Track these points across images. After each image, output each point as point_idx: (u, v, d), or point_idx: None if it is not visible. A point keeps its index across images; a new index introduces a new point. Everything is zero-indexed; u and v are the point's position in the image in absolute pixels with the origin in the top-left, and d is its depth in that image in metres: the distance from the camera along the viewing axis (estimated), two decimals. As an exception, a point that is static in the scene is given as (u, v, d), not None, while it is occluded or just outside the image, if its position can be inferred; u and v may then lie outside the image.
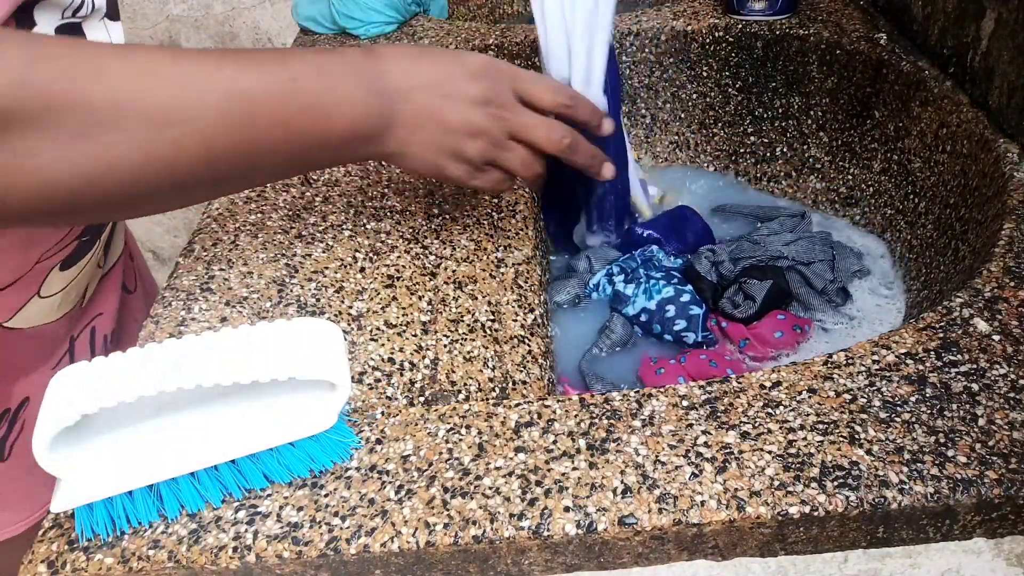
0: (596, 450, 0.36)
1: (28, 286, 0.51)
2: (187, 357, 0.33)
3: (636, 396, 0.39)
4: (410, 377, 0.44)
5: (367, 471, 0.36)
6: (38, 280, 0.51)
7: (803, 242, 0.68)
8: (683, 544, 0.34)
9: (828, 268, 0.66)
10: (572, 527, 0.33)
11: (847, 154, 0.74)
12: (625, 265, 0.68)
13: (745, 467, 0.35)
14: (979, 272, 0.45)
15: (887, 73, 0.68)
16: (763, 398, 0.38)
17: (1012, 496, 0.33)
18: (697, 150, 0.84)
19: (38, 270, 0.51)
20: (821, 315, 0.63)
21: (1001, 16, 0.57)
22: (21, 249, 0.49)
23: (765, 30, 0.77)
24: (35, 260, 0.50)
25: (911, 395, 0.37)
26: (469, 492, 0.35)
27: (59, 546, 0.35)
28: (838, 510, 0.33)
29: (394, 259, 0.53)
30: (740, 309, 0.63)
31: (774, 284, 0.63)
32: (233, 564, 0.33)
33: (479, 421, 0.38)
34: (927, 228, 0.62)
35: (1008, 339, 0.40)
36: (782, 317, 0.61)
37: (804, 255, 0.67)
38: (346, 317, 0.48)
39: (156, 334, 0.47)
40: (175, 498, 0.35)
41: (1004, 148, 0.54)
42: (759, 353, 0.60)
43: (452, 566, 0.34)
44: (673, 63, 0.80)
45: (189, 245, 0.55)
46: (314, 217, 0.57)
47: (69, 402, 0.31)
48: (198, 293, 0.50)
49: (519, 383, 0.46)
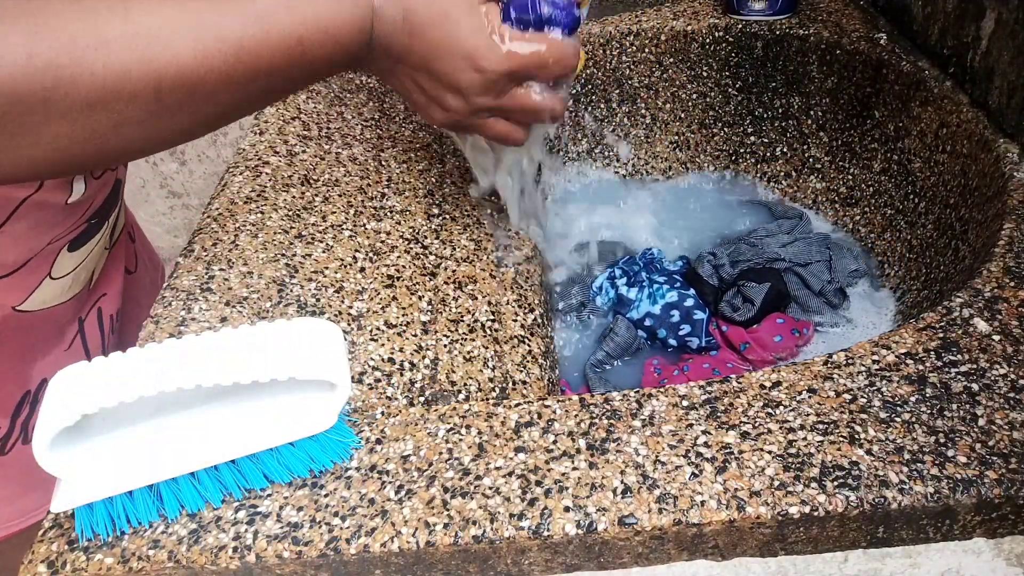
0: (596, 450, 0.36)
1: (40, 267, 0.52)
2: (187, 357, 0.33)
3: (636, 396, 0.39)
4: (410, 377, 0.44)
5: (367, 471, 0.36)
6: (49, 261, 0.52)
7: (800, 243, 0.68)
8: (683, 544, 0.34)
9: (825, 269, 0.66)
10: (572, 527, 0.33)
11: (847, 154, 0.74)
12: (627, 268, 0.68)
13: (745, 467, 0.35)
14: (979, 272, 0.45)
15: (887, 73, 0.68)
16: (763, 398, 0.38)
17: (1012, 496, 0.33)
18: (697, 150, 0.84)
19: (48, 251, 0.52)
20: (819, 317, 0.63)
21: (1001, 16, 0.57)
22: (38, 232, 0.50)
23: (765, 30, 0.77)
24: (48, 241, 0.51)
25: (911, 395, 0.37)
26: (469, 492, 0.35)
27: (59, 546, 0.35)
28: (838, 510, 0.33)
29: (394, 259, 0.53)
30: (739, 312, 0.63)
31: (772, 287, 0.63)
32: (233, 564, 0.33)
33: (479, 421, 0.38)
34: (927, 228, 0.62)
35: (1008, 339, 0.40)
36: (781, 321, 0.61)
37: (801, 256, 0.67)
38: (346, 317, 0.48)
39: (156, 334, 0.47)
40: (175, 498, 0.35)
41: (1004, 148, 0.54)
42: (759, 357, 0.60)
43: (452, 566, 0.34)
44: (673, 63, 0.80)
45: (189, 245, 0.55)
46: (314, 217, 0.57)
47: (69, 402, 0.31)
48: (198, 293, 0.50)
49: (519, 383, 0.46)
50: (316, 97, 0.73)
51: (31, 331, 0.54)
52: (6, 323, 0.52)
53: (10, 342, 0.53)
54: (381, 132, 0.69)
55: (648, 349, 0.65)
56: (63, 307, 0.56)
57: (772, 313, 0.62)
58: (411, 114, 0.73)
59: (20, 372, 0.54)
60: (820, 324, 0.63)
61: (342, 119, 0.70)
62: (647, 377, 0.61)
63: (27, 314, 0.53)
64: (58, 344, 0.57)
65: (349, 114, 0.71)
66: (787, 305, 0.64)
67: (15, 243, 0.49)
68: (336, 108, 0.72)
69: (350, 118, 0.71)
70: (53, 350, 0.56)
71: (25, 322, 0.53)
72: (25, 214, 0.48)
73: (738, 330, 0.62)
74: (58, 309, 0.55)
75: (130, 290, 0.67)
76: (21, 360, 0.54)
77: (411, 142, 0.68)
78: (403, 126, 0.70)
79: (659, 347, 0.64)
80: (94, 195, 0.54)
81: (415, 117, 0.72)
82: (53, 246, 0.52)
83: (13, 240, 0.49)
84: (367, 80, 0.78)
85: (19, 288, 0.51)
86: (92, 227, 0.55)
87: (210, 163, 1.57)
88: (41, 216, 0.49)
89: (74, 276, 0.55)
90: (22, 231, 0.49)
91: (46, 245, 0.51)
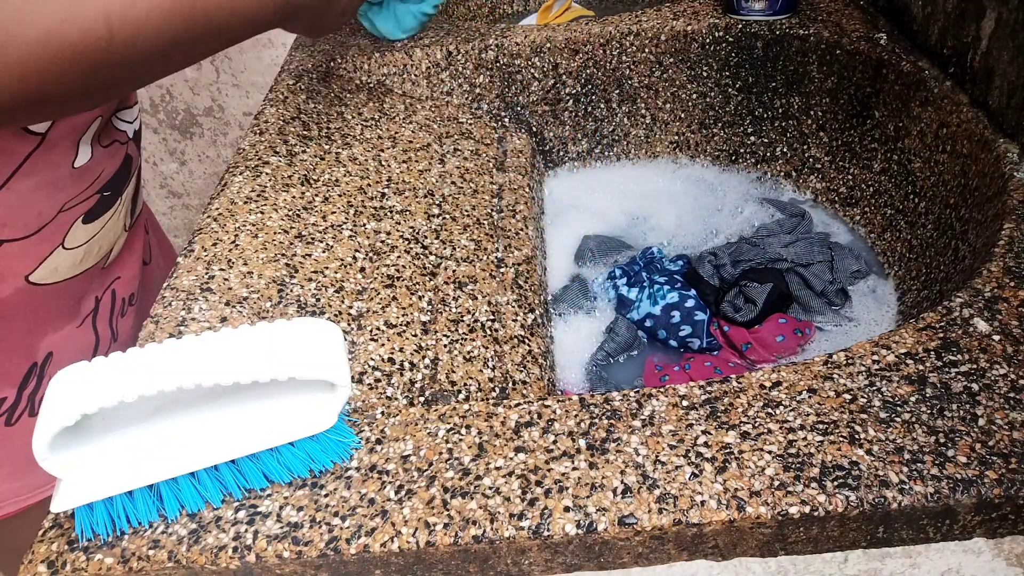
0: (596, 450, 0.36)
1: (53, 236, 0.53)
2: (187, 357, 0.33)
3: (636, 396, 0.39)
4: (410, 377, 0.44)
5: (367, 471, 0.36)
6: (62, 231, 0.54)
7: (802, 243, 0.68)
8: (683, 544, 0.34)
9: (827, 269, 0.66)
10: (572, 527, 0.33)
11: (847, 154, 0.74)
12: (628, 268, 0.68)
13: (745, 467, 0.35)
14: (979, 272, 0.45)
15: (887, 73, 0.68)
16: (763, 398, 0.38)
17: (1012, 496, 0.33)
18: (697, 150, 0.84)
19: (62, 220, 0.54)
20: (821, 317, 0.63)
21: (1001, 16, 0.57)
22: (47, 193, 0.52)
23: (765, 30, 0.77)
24: (59, 207, 0.53)
25: (911, 395, 0.37)
26: (469, 492, 0.35)
27: (59, 546, 0.35)
28: (838, 510, 0.33)
29: (394, 259, 0.53)
30: (741, 313, 0.63)
31: (774, 287, 0.63)
32: (233, 564, 0.33)
33: (479, 421, 0.38)
34: (927, 228, 0.62)
35: (1008, 339, 0.40)
36: (783, 321, 0.61)
37: (803, 256, 0.67)
38: (346, 317, 0.48)
39: (156, 334, 0.47)
40: (175, 498, 0.35)
41: (1004, 148, 0.54)
42: (761, 358, 0.60)
43: (452, 566, 0.34)
44: (673, 63, 0.80)
45: (189, 245, 0.55)
46: (314, 217, 0.57)
47: (69, 402, 0.31)
48: (198, 293, 0.50)
49: (519, 383, 0.46)
50: (316, 97, 0.73)
51: (41, 304, 0.55)
52: (19, 295, 0.53)
53: (22, 315, 0.54)
54: (381, 132, 0.69)
55: (649, 348, 0.65)
56: (75, 281, 0.57)
57: (774, 313, 0.62)
58: (411, 114, 0.73)
59: (30, 344, 0.56)
60: (822, 324, 0.63)
61: (342, 119, 0.70)
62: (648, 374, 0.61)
63: (40, 287, 0.54)
64: (70, 320, 0.59)
65: (349, 114, 0.71)
66: (789, 305, 0.64)
67: (22, 202, 0.50)
68: (336, 108, 0.72)
69: (350, 118, 0.71)
70: (66, 326, 0.58)
71: (39, 295, 0.55)
72: (31, 171, 0.50)
73: (740, 330, 0.62)
74: (71, 283, 0.57)
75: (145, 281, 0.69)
76: (30, 333, 0.56)
77: (411, 142, 0.68)
78: (403, 126, 0.70)
79: (659, 347, 0.64)
80: (103, 164, 0.56)
81: (415, 117, 0.72)
82: (66, 215, 0.54)
83: (20, 199, 0.50)
84: (367, 80, 0.78)
85: (31, 255, 0.53)
86: (105, 200, 0.57)
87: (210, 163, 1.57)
88: (47, 176, 0.51)
89: (86, 249, 0.57)
90: (28, 190, 0.50)
91: (58, 213, 0.53)
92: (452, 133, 0.72)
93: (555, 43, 0.78)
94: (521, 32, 0.80)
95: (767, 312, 0.62)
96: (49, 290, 0.55)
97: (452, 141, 0.70)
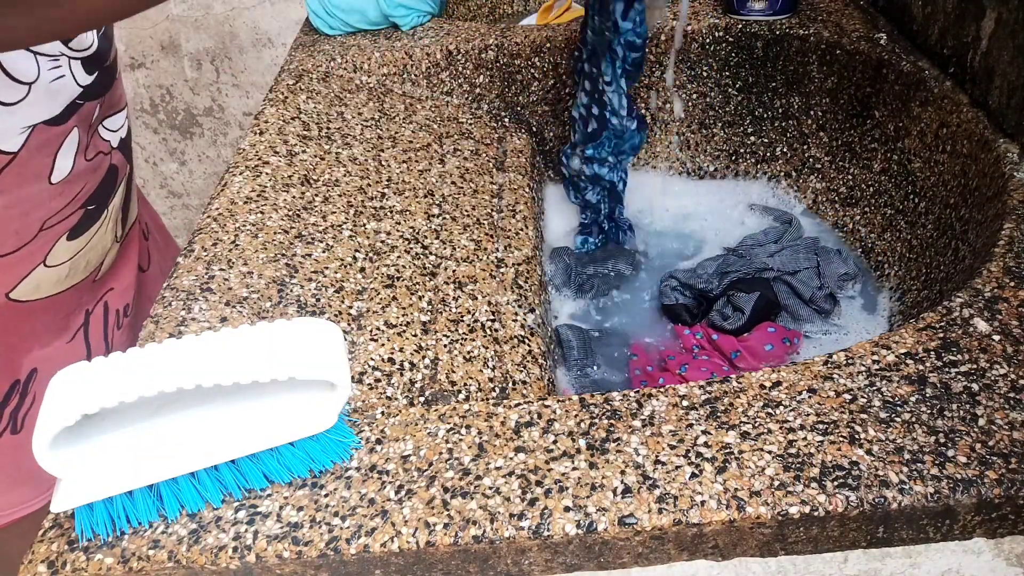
0: (596, 450, 0.36)
1: (33, 255, 0.51)
2: (187, 357, 0.33)
3: (636, 396, 0.39)
4: (410, 377, 0.44)
5: (367, 471, 0.36)
6: (44, 249, 0.52)
7: (787, 251, 0.68)
8: (683, 544, 0.34)
9: (814, 275, 0.66)
10: (572, 527, 0.33)
11: (847, 154, 0.74)
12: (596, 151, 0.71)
13: (745, 467, 0.35)
14: (979, 272, 0.45)
15: (887, 73, 0.68)
16: (763, 398, 0.38)
17: (1012, 496, 0.33)
18: (697, 150, 0.84)
19: (44, 238, 0.51)
20: (809, 325, 0.63)
21: (1001, 16, 0.57)
22: (23, 212, 0.49)
23: (765, 30, 0.77)
24: (39, 226, 0.51)
25: (911, 395, 0.37)
26: (469, 492, 0.35)
27: (59, 546, 0.35)
28: (838, 510, 0.33)
29: (394, 259, 0.53)
30: (729, 321, 0.63)
31: (761, 296, 0.63)
32: (233, 564, 0.33)
33: (479, 421, 0.38)
34: (927, 228, 0.62)
35: (1008, 339, 0.40)
36: (772, 330, 0.61)
37: (789, 264, 0.67)
38: (346, 317, 0.48)
39: (156, 334, 0.47)
40: (175, 498, 0.35)
41: (1004, 148, 0.54)
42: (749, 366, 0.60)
43: (452, 566, 0.34)
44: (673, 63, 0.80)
45: (189, 245, 0.55)
46: (314, 217, 0.57)
47: (69, 402, 0.31)
48: (198, 293, 0.50)
49: (519, 383, 0.46)
50: (316, 97, 0.73)
51: (26, 321, 0.53)
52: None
53: (1, 331, 0.52)
54: (381, 132, 0.69)
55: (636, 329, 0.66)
56: (63, 296, 0.55)
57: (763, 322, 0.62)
58: (411, 114, 0.73)
59: (11, 361, 0.54)
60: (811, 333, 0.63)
61: (342, 119, 0.70)
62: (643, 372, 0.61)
63: (23, 304, 0.52)
64: (59, 336, 0.56)
65: (349, 114, 0.71)
66: (777, 314, 0.64)
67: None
68: (336, 108, 0.72)
69: (350, 118, 0.71)
70: (54, 342, 0.56)
71: (22, 312, 0.52)
72: (4, 188, 0.47)
73: (729, 339, 0.62)
74: (58, 299, 0.55)
75: (143, 289, 0.67)
76: (12, 349, 0.53)
77: (411, 142, 0.68)
78: (403, 126, 0.70)
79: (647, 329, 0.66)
80: (84, 178, 0.54)
81: (415, 117, 0.72)
82: (48, 233, 0.51)
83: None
84: (367, 80, 0.78)
85: (11, 274, 0.51)
86: (90, 214, 0.55)
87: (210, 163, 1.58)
88: (20, 194, 0.49)
89: (71, 265, 0.55)
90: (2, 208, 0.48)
91: (39, 231, 0.51)
92: (452, 133, 0.72)
93: (555, 43, 0.78)
94: (521, 32, 0.80)
95: (755, 320, 0.62)
96: (33, 306, 0.53)
97: (452, 141, 0.70)
